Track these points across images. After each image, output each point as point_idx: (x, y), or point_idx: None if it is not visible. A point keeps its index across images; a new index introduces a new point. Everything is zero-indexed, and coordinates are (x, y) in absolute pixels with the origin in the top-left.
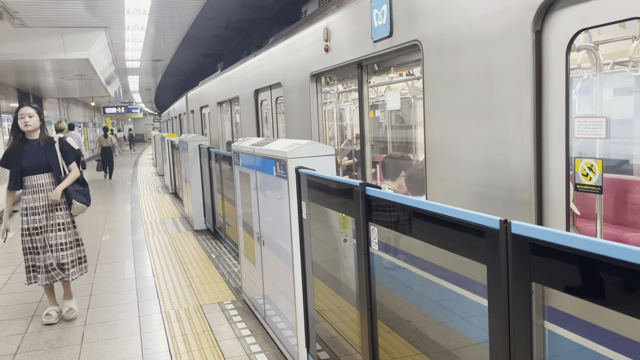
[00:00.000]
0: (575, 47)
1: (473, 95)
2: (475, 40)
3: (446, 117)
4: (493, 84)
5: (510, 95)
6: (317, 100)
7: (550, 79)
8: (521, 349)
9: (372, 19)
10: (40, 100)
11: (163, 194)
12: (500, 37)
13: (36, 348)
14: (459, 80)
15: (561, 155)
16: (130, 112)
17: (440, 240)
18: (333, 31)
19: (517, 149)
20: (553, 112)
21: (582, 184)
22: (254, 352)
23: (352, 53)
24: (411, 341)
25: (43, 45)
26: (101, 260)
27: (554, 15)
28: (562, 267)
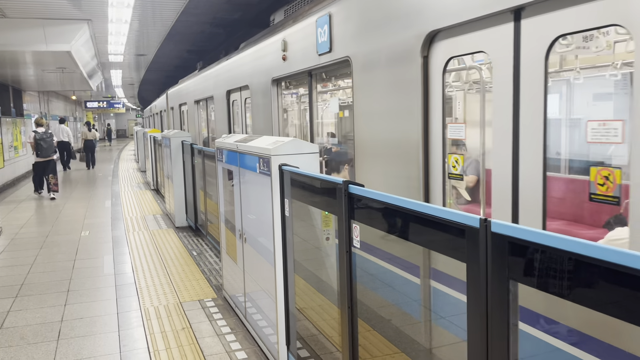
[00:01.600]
0: (448, 69)
1: (386, 102)
2: (387, 60)
3: (368, 120)
4: (398, 97)
5: (409, 103)
6: (277, 102)
7: (432, 94)
8: (498, 346)
9: (317, 36)
10: (20, 92)
11: (144, 190)
12: (400, 60)
13: (11, 344)
14: (376, 90)
15: (439, 150)
16: (112, 107)
17: (421, 239)
18: (289, 43)
19: (414, 146)
20: (435, 119)
21: (451, 173)
22: (233, 349)
23: (303, 63)
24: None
25: (24, 36)
26: (80, 256)
27: (435, 45)
28: (541, 265)
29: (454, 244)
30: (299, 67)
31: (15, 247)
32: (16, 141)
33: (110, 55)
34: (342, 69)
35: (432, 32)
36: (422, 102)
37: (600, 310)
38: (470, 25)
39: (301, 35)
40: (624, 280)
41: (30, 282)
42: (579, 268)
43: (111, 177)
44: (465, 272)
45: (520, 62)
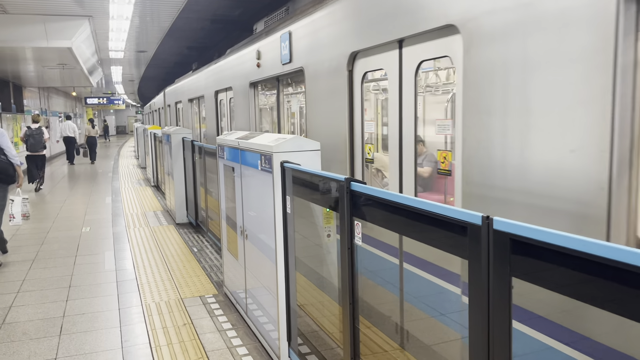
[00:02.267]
0: (366, 80)
1: (326, 104)
2: (327, 71)
3: (316, 117)
4: (334, 100)
5: (341, 105)
6: (254, 102)
7: (355, 99)
8: (500, 343)
9: (281, 49)
10: (21, 88)
11: (145, 186)
12: (335, 71)
13: (14, 339)
14: (320, 94)
15: (360, 141)
16: (112, 104)
17: (423, 236)
18: (262, 53)
19: (343, 140)
20: (357, 118)
21: (367, 158)
22: (234, 345)
23: (272, 70)
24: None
25: (25, 32)
26: (81, 252)
27: (356, 62)
28: (543, 263)
29: (456, 241)
30: (269, 74)
31: (17, 243)
32: (17, 137)
33: (111, 51)
34: (299, 77)
35: (353, 52)
36: (347, 105)
37: (602, 308)
38: (375, 49)
39: (270, 47)
40: (626, 277)
41: (32, 278)
42: (580, 265)
43: (111, 173)
44: (467, 269)
45: (402, 77)
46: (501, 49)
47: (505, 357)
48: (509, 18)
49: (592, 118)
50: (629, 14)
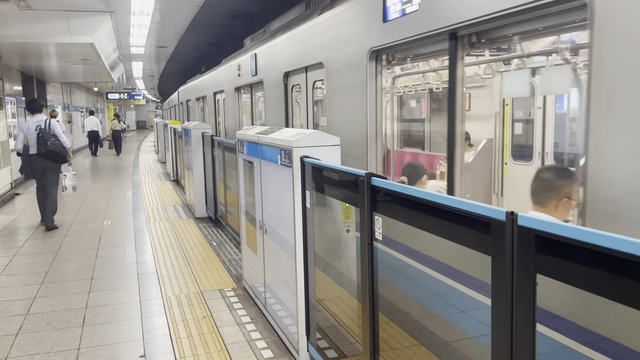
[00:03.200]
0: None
1: (273, 107)
2: (275, 83)
3: (268, 115)
4: (276, 103)
5: (280, 108)
6: (238, 102)
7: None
8: (523, 341)
9: (251, 65)
10: (44, 84)
11: (164, 181)
12: (277, 84)
13: (38, 329)
14: (273, 99)
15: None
16: (133, 99)
17: (445, 232)
18: (242, 66)
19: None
20: (296, 116)
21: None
22: (254, 338)
23: (246, 80)
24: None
25: (48, 28)
26: (103, 244)
27: (289, 78)
28: (568, 260)
29: (479, 237)
30: (245, 82)
31: (41, 235)
32: None
33: (132, 47)
34: (261, 85)
35: (287, 72)
36: (284, 109)
37: (631, 306)
38: (297, 70)
39: (245, 62)
40: None
41: (55, 270)
42: (607, 262)
43: (132, 167)
44: (490, 266)
45: (307, 90)
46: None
47: (529, 355)
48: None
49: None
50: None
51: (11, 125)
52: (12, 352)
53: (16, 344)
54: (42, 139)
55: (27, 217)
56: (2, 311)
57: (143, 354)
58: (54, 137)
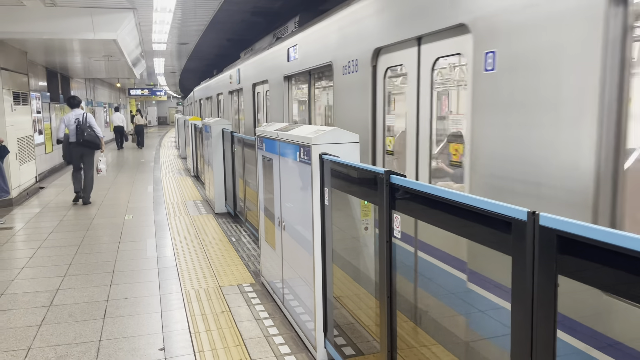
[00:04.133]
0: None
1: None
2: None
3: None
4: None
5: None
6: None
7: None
8: (543, 342)
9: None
10: (68, 79)
11: (185, 176)
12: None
13: (60, 320)
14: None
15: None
16: (154, 95)
17: (464, 231)
18: (232, 76)
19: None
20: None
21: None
22: (271, 334)
23: (234, 87)
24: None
25: (72, 24)
26: (124, 238)
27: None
28: (591, 261)
29: (499, 236)
30: (235, 88)
31: (65, 228)
32: None
33: (154, 43)
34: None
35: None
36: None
37: None
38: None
39: (234, 73)
40: None
41: (78, 262)
42: (632, 264)
43: (153, 163)
44: (511, 265)
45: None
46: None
47: (550, 357)
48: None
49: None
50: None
51: (36, 120)
52: (35, 343)
53: (39, 335)
54: (80, 130)
55: (51, 210)
56: (26, 302)
57: (162, 347)
58: (89, 129)
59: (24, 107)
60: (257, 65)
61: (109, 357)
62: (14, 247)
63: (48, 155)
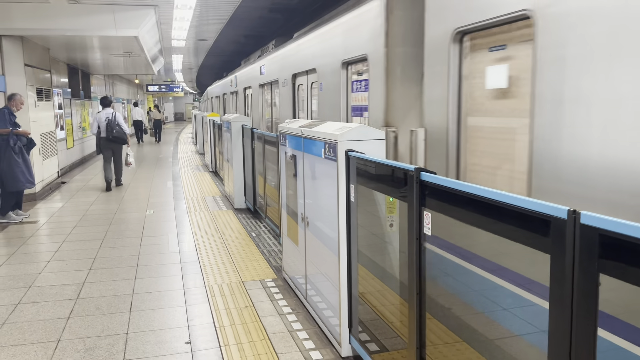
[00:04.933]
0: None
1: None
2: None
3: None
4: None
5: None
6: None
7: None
8: (583, 343)
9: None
10: (88, 76)
11: (203, 172)
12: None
13: (87, 313)
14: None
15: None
16: (172, 91)
17: (499, 229)
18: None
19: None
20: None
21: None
22: (295, 329)
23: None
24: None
25: (95, 21)
26: (146, 233)
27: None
28: (635, 259)
29: (538, 235)
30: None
31: (88, 223)
32: (84, 122)
33: (173, 40)
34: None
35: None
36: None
37: None
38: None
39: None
40: None
41: (102, 256)
42: None
43: (171, 159)
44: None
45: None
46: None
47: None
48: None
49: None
50: None
51: (58, 115)
52: (65, 335)
53: (68, 327)
54: (110, 127)
55: (74, 204)
56: (53, 295)
57: (188, 341)
58: (117, 126)
59: (47, 103)
60: (245, 74)
61: (137, 349)
62: (39, 241)
63: (69, 150)
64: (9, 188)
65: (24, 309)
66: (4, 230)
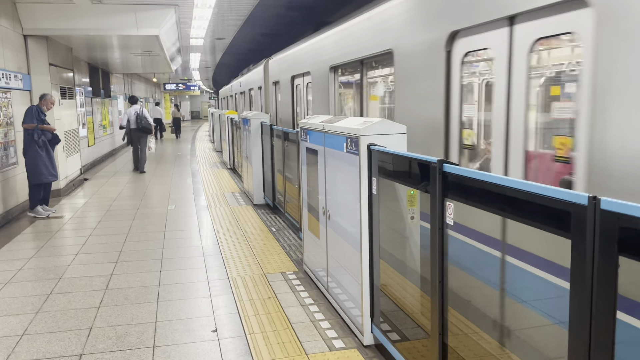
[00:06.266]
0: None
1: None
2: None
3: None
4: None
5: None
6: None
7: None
8: (603, 328)
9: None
10: (108, 75)
11: (221, 169)
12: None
13: (117, 303)
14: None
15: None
16: (189, 89)
17: (521, 217)
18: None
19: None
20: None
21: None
22: (317, 319)
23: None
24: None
25: (117, 21)
26: (169, 228)
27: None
28: None
29: (560, 222)
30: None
31: (112, 217)
32: (104, 120)
33: (192, 39)
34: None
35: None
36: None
37: None
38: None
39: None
40: None
41: (128, 250)
42: None
43: (189, 156)
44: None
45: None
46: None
47: (609, 340)
48: None
49: None
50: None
51: (79, 113)
52: (96, 323)
53: (99, 316)
54: (139, 119)
55: (97, 200)
56: (84, 286)
57: (215, 329)
58: (144, 119)
59: (70, 102)
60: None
61: (166, 337)
62: (66, 235)
63: (90, 148)
64: (32, 180)
65: (55, 298)
66: (32, 224)
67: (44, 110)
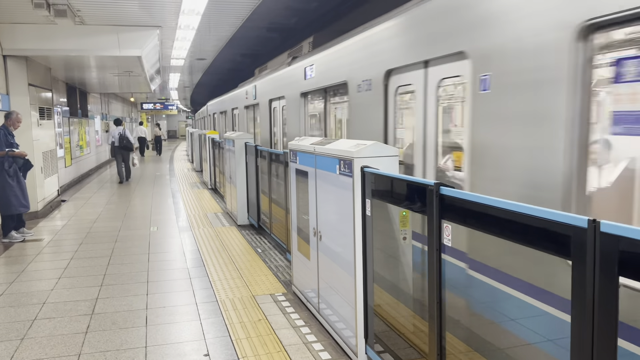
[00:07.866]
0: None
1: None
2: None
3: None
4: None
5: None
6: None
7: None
8: (605, 345)
9: (254, 92)
10: (85, 94)
11: (202, 189)
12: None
13: (104, 328)
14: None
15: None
16: (166, 109)
17: (519, 239)
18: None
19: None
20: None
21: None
22: (310, 341)
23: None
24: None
25: (99, 42)
26: (152, 250)
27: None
28: None
29: (559, 245)
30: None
31: (93, 240)
32: (81, 140)
33: (173, 59)
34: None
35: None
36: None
37: None
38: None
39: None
40: None
41: (112, 273)
42: None
43: (168, 176)
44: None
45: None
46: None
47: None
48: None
49: None
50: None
51: (57, 134)
52: (85, 349)
53: (87, 342)
54: (122, 139)
55: (77, 222)
56: (68, 310)
57: (207, 353)
58: (126, 139)
59: (48, 122)
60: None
61: None
62: (46, 258)
63: (67, 168)
64: (2, 212)
65: (40, 324)
66: (9, 249)
67: (11, 131)
